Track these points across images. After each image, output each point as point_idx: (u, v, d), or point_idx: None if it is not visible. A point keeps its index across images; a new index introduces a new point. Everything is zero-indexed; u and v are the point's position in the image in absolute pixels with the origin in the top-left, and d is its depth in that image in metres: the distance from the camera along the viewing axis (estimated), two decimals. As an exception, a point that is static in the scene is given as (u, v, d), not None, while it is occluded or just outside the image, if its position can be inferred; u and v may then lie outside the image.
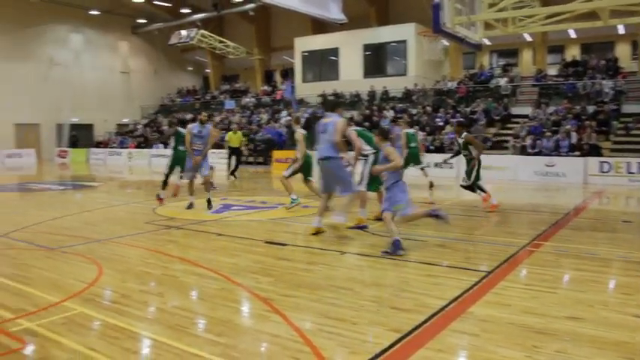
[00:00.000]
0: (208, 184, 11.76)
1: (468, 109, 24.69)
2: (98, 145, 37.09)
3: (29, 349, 4.31)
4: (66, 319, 4.92)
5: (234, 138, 19.91)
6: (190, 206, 11.44)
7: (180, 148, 11.85)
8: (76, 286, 5.97)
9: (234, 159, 19.92)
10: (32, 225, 10.25)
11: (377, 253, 7.30)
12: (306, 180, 11.76)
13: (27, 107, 34.88)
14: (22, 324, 4.81)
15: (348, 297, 5.39)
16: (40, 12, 35.29)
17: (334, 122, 8.45)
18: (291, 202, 11.51)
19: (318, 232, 8.66)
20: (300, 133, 11.64)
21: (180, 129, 12.08)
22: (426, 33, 24.51)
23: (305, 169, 11.67)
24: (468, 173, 11.24)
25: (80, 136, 37.62)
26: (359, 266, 6.83)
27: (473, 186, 11.28)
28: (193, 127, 11.35)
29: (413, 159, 13.29)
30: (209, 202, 11.54)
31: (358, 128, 10.35)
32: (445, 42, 26.15)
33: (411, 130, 13.89)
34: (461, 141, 11.33)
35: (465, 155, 11.34)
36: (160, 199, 12.23)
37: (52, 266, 7.05)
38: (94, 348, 4.24)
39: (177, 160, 12.03)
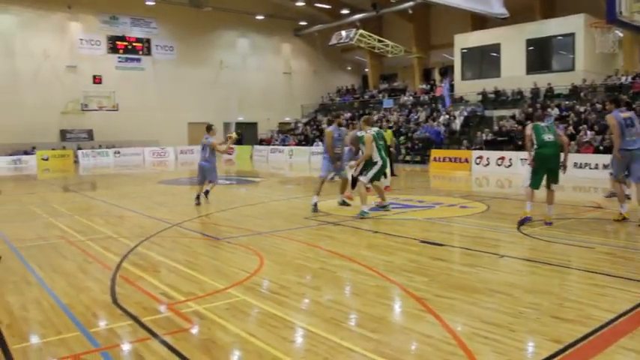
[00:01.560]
0: (346, 185, 11.99)
1: (646, 106, 22.59)
2: (261, 142, 39.15)
3: (197, 330, 4.71)
4: (229, 305, 5.30)
5: (385, 136, 19.94)
6: (315, 207, 11.24)
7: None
8: (240, 274, 6.40)
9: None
10: (201, 216, 11.12)
11: (539, 258, 6.98)
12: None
13: (198, 107, 37.91)
14: (192, 306, 5.28)
15: (506, 302, 5.22)
16: (211, 20, 38.11)
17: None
18: (361, 213, 10.50)
19: (623, 219, 9.34)
20: (369, 135, 10.71)
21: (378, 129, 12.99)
22: (598, 24, 22.82)
23: (383, 172, 11.24)
24: None
25: (245, 134, 40.03)
26: (518, 271, 6.57)
27: None
28: (334, 131, 11.36)
29: None
30: (344, 202, 11.88)
31: None
32: (619, 33, 24.15)
33: None
34: None
35: None
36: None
37: (218, 255, 7.62)
38: (254, 334, 4.53)
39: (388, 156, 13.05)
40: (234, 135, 13.57)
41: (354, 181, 11.88)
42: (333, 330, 4.57)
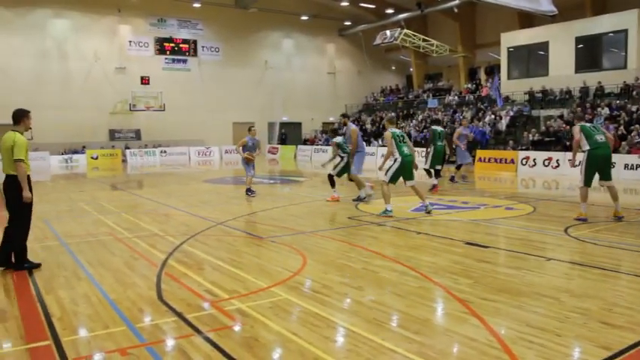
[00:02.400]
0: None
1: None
2: (305, 142, 39.28)
3: (240, 328, 4.76)
4: (272, 303, 5.35)
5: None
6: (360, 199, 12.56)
7: (439, 143, 13.63)
8: (283, 273, 6.45)
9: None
10: (245, 215, 11.23)
11: (587, 261, 6.82)
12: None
13: (243, 107, 38.37)
14: (235, 304, 5.34)
15: (553, 306, 5.11)
16: (257, 21, 38.52)
17: None
18: (384, 212, 10.60)
19: None
20: (389, 132, 10.59)
21: (435, 127, 14.29)
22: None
23: (407, 171, 10.62)
24: None
25: (289, 134, 40.29)
26: (566, 274, 6.41)
27: None
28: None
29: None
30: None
31: None
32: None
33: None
34: None
35: None
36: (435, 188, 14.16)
37: (261, 254, 7.68)
38: (297, 333, 4.55)
39: (440, 154, 14.21)
40: (249, 156, 14.46)
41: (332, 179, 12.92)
42: (375, 330, 4.56)
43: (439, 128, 15.08)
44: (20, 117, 6.79)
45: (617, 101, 24.49)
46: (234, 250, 8.07)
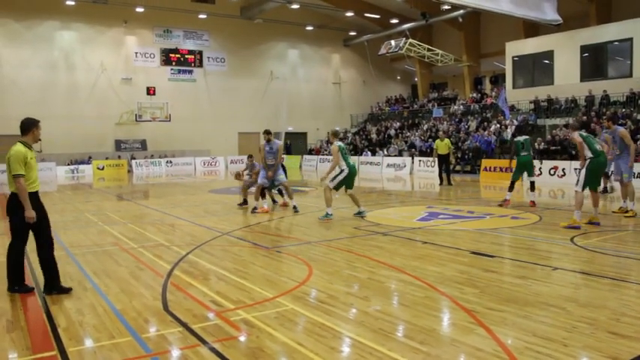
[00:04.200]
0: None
1: None
2: (310, 152, 39.32)
3: (245, 338, 4.75)
4: (278, 314, 5.34)
5: (442, 145, 20.03)
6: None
7: (523, 154, 13.11)
8: (289, 284, 6.44)
9: (443, 167, 20.23)
10: (251, 225, 11.22)
11: (594, 270, 6.78)
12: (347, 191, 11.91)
13: (249, 117, 38.48)
14: (241, 314, 5.33)
15: (560, 316, 5.08)
16: (262, 32, 38.73)
17: None
18: (326, 215, 11.62)
19: None
20: (335, 146, 11.67)
21: (519, 137, 13.41)
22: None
23: (351, 180, 11.73)
24: None
25: (294, 144, 40.33)
26: (573, 284, 6.37)
27: None
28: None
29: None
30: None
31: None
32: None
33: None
34: None
35: None
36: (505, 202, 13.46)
37: (267, 264, 7.68)
38: (302, 343, 4.54)
39: (523, 165, 13.31)
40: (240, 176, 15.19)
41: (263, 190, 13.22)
42: (381, 341, 4.54)
43: (522, 138, 13.55)
44: (29, 127, 6.17)
45: (623, 109, 24.44)
46: (240, 260, 8.07)
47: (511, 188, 13.58)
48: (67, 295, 6.11)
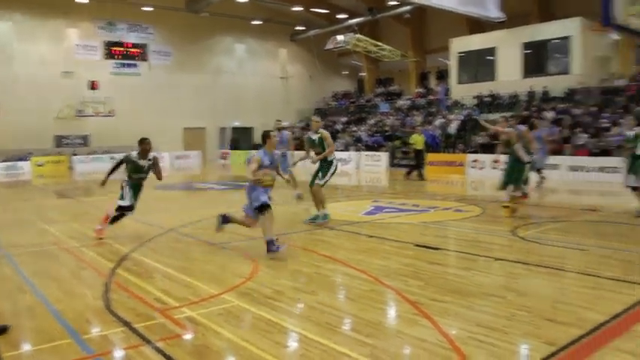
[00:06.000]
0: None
1: (641, 109, 22.58)
2: (256, 147, 39.05)
3: (190, 336, 4.69)
4: (223, 310, 5.29)
5: (419, 140, 20.39)
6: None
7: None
8: (234, 280, 6.39)
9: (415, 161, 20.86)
10: (197, 221, 11.09)
11: (533, 260, 6.99)
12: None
13: (195, 113, 37.87)
14: (185, 312, 5.26)
15: (501, 305, 5.23)
16: (208, 25, 38.12)
17: None
18: (325, 217, 10.42)
19: None
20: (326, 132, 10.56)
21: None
22: (595, 28, 22.83)
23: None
24: None
25: (241, 139, 39.99)
26: (513, 274, 6.55)
27: None
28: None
29: None
30: None
31: None
32: (615, 36, 24.18)
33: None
34: None
35: None
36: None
37: (213, 260, 7.60)
38: (248, 340, 4.52)
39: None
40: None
41: None
42: (327, 335, 4.56)
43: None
44: None
45: (562, 105, 25.25)
46: (185, 257, 7.96)
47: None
48: (4, 297, 5.90)
